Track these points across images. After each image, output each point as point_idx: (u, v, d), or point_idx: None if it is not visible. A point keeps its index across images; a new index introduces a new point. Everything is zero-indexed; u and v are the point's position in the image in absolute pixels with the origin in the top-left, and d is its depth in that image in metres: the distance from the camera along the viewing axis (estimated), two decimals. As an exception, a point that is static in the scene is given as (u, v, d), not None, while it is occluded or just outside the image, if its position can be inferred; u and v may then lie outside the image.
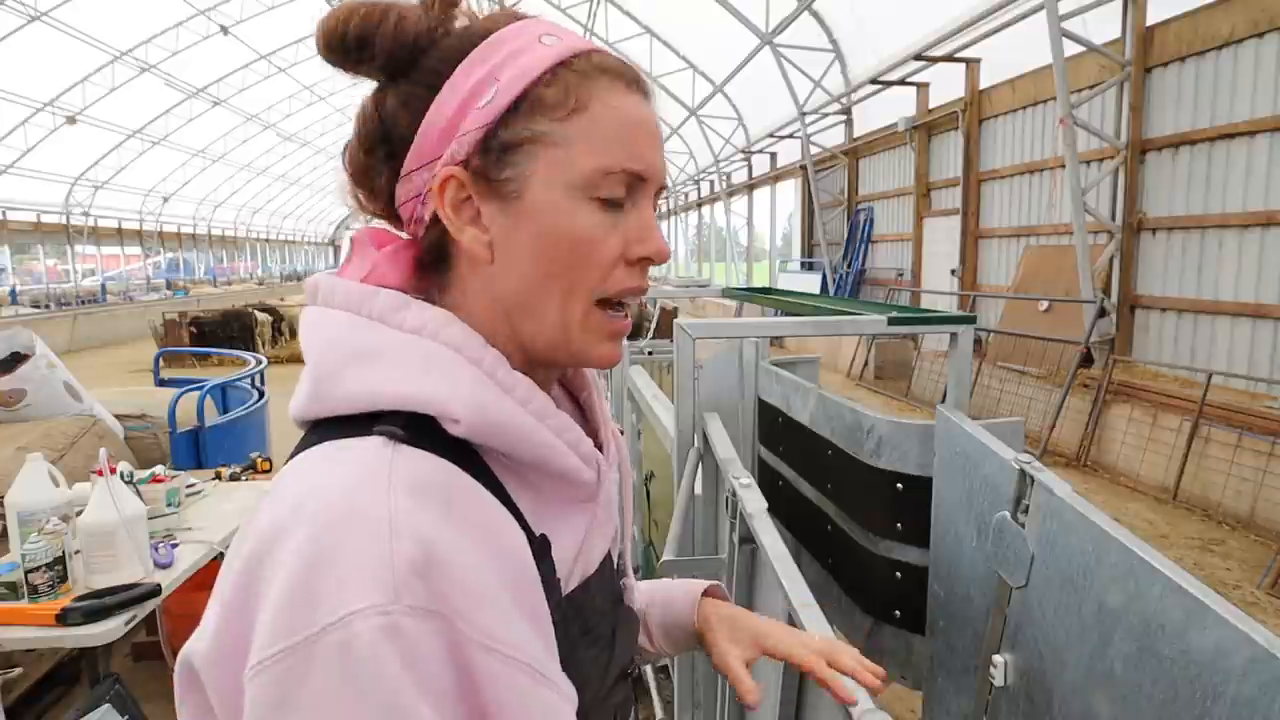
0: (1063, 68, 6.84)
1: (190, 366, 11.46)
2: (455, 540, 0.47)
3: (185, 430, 3.69)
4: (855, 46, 12.72)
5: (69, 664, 2.83)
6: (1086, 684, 0.90)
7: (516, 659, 0.47)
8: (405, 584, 0.43)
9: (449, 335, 0.55)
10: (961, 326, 1.55)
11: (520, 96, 0.55)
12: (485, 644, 0.46)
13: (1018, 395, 7.78)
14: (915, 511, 1.41)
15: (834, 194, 15.29)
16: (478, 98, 0.56)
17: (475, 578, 0.47)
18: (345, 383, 0.53)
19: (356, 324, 0.55)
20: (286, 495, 0.49)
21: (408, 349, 0.54)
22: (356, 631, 0.42)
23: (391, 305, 0.56)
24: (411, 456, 0.50)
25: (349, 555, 0.44)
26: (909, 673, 1.51)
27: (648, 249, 0.59)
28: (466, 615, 0.45)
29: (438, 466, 0.50)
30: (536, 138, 0.56)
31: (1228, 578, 4.42)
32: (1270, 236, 6.17)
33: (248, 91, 24.77)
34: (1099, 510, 0.92)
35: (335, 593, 0.43)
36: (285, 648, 0.43)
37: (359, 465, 0.49)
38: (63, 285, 23.84)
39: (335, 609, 0.42)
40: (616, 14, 16.81)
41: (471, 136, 0.56)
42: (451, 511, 0.48)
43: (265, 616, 0.44)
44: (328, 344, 0.55)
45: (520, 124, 0.56)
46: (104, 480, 2.08)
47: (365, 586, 0.43)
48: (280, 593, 0.44)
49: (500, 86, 0.55)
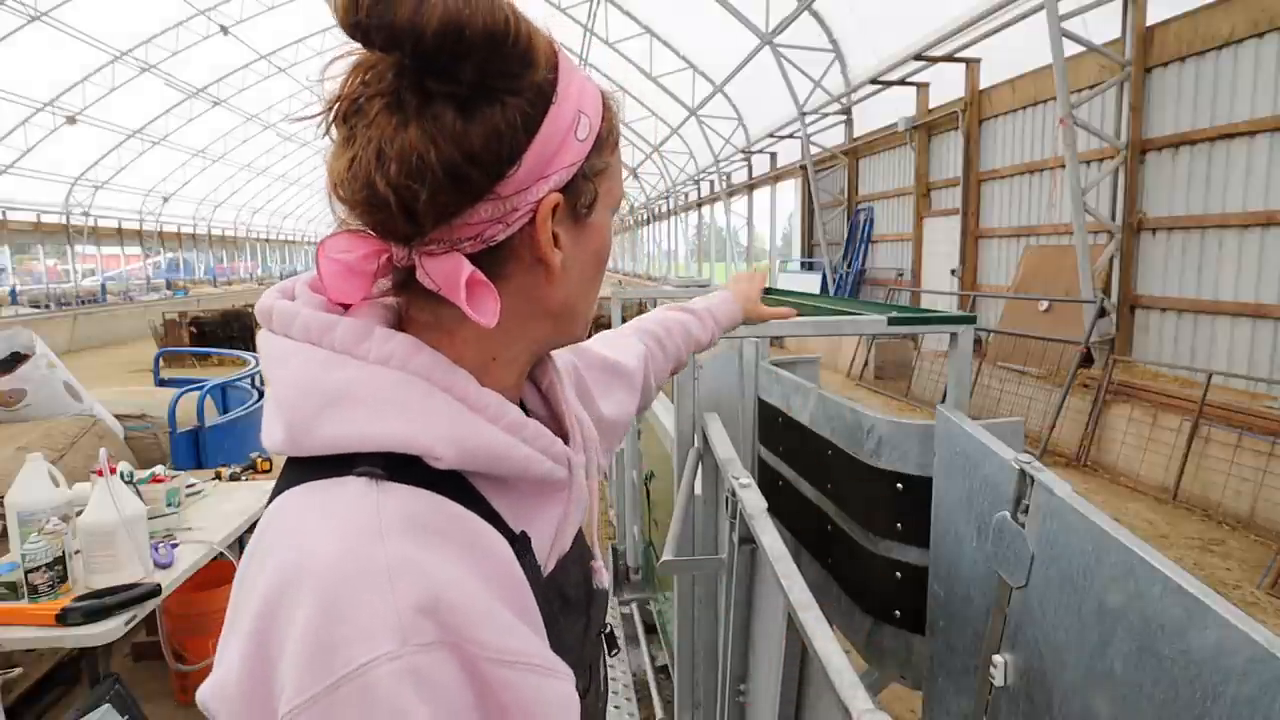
0: (1063, 68, 6.84)
1: (190, 366, 11.46)
2: (450, 570, 0.49)
3: (185, 430, 3.69)
4: (855, 46, 12.71)
5: (69, 664, 2.83)
6: (1086, 684, 0.90)
7: (524, 662, 0.50)
8: (412, 626, 0.46)
9: (417, 364, 0.55)
10: (961, 326, 1.55)
11: (603, 125, 0.60)
12: (495, 658, 0.48)
13: (1018, 395, 7.78)
14: (915, 511, 1.41)
15: (834, 194, 15.29)
16: (574, 127, 0.57)
17: (474, 601, 0.49)
18: (322, 428, 0.53)
19: (324, 362, 0.54)
20: (283, 548, 0.50)
21: (377, 384, 0.54)
22: (374, 679, 0.45)
23: (354, 336, 0.55)
24: (396, 494, 0.51)
25: (356, 610, 0.46)
26: (909, 673, 1.51)
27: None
28: (473, 637, 0.48)
29: (422, 500, 0.52)
30: (602, 169, 0.62)
31: (1228, 578, 4.42)
32: (1270, 236, 6.17)
33: (248, 91, 24.78)
34: (1099, 510, 0.92)
35: (348, 646, 0.45)
36: (310, 698, 0.45)
37: (348, 514, 0.50)
38: (63, 285, 23.85)
39: (350, 660, 0.45)
40: (616, 14, 16.80)
41: (572, 168, 0.57)
42: (442, 542, 0.50)
43: (287, 671, 0.47)
44: (297, 386, 0.54)
45: (595, 157, 0.60)
46: (104, 480, 2.08)
47: (376, 637, 0.45)
48: (296, 650, 0.46)
49: (589, 120, 0.58)
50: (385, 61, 0.53)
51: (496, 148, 0.53)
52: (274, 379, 0.56)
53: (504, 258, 0.58)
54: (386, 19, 0.49)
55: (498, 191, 0.54)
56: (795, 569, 1.09)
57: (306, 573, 0.48)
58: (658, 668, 2.97)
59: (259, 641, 0.49)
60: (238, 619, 0.52)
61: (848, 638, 1.67)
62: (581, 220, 0.61)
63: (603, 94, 0.62)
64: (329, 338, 0.55)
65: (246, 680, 0.49)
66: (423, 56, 0.51)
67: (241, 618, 0.51)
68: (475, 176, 0.53)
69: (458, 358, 0.58)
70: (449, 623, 0.47)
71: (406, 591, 0.47)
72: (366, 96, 0.53)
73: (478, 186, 0.53)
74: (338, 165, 0.54)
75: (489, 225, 0.55)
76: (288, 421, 0.54)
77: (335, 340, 0.55)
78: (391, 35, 0.50)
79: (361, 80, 0.54)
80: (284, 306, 0.57)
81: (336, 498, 0.51)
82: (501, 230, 0.56)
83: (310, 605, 0.47)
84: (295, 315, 0.57)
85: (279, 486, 0.56)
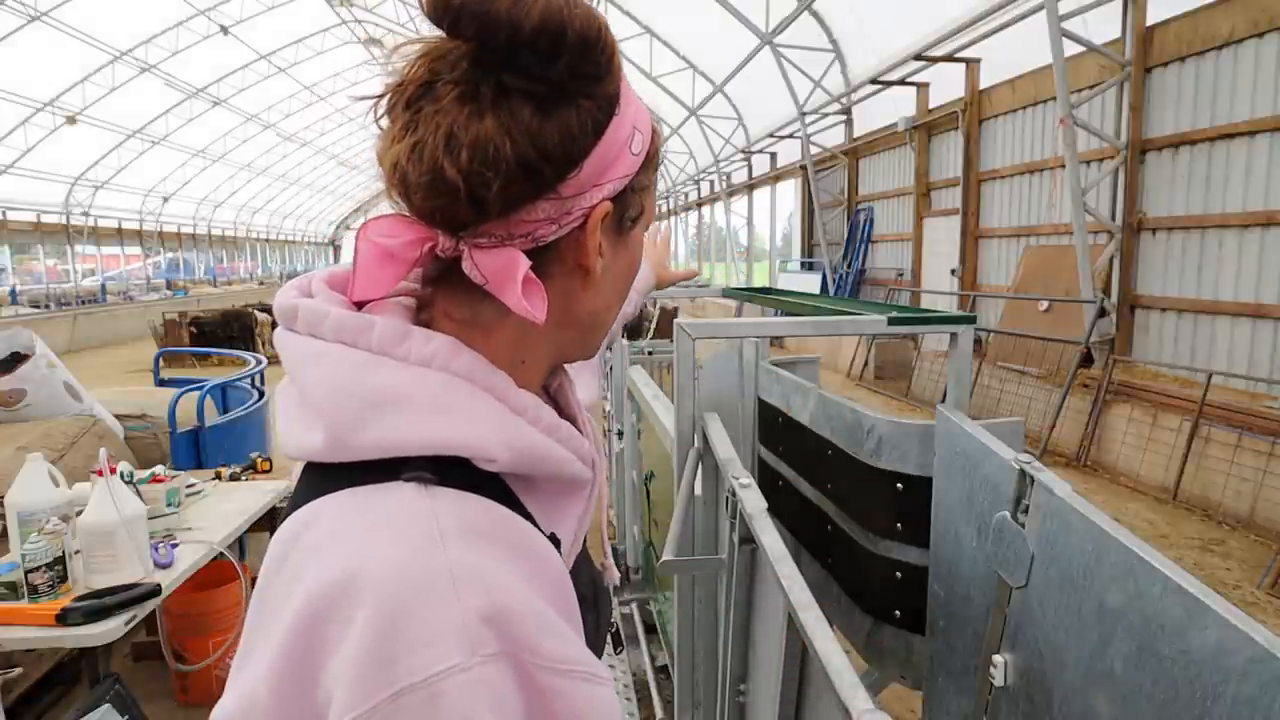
0: (1063, 68, 6.84)
1: (190, 366, 11.46)
2: (510, 578, 0.49)
3: (185, 430, 3.70)
4: (855, 46, 12.71)
5: (69, 664, 2.83)
6: (1086, 684, 0.90)
7: (576, 670, 0.49)
8: (478, 636, 0.45)
9: (459, 365, 0.54)
10: (961, 326, 1.55)
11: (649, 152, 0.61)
12: (552, 667, 0.48)
13: (1018, 395, 7.78)
14: (915, 511, 1.41)
15: (834, 194, 15.28)
16: (630, 141, 0.58)
17: (532, 609, 0.48)
18: (368, 431, 0.51)
19: (362, 363, 0.53)
20: (334, 556, 0.48)
21: (423, 387, 0.53)
22: (443, 689, 0.44)
23: (392, 336, 0.54)
24: (450, 500, 0.51)
25: (423, 620, 0.45)
26: (909, 673, 1.51)
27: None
28: (532, 647, 0.47)
29: (477, 506, 0.51)
30: (647, 186, 0.63)
31: (1228, 578, 4.42)
32: (1270, 236, 6.17)
33: (248, 91, 24.77)
34: (1099, 510, 0.92)
35: (415, 656, 0.44)
36: (371, 707, 0.44)
37: (406, 520, 0.49)
38: (63, 285, 23.83)
39: (416, 670, 0.44)
40: (616, 14, 16.79)
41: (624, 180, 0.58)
42: (500, 549, 0.50)
43: (340, 680, 0.45)
44: (336, 388, 0.53)
45: (643, 173, 0.61)
46: (104, 480, 2.08)
47: (445, 646, 0.44)
48: (353, 659, 0.45)
49: (642, 136, 0.59)
50: (460, 50, 0.52)
51: (568, 148, 0.53)
52: (305, 380, 0.55)
53: (549, 259, 0.57)
54: (484, 6, 0.49)
55: (560, 191, 0.54)
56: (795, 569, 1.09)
57: (366, 581, 0.46)
58: (658, 668, 2.97)
59: (301, 652, 0.47)
60: (266, 631, 0.50)
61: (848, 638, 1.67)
62: (625, 232, 0.63)
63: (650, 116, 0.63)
64: (365, 338, 0.54)
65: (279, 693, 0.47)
66: (512, 49, 0.51)
67: (272, 629, 0.49)
68: (546, 172, 0.53)
69: (492, 358, 0.57)
70: (509, 632, 0.46)
71: (471, 600, 0.46)
72: (440, 83, 0.52)
73: (546, 182, 0.53)
74: (398, 148, 0.53)
75: (543, 224, 0.55)
76: (329, 425, 0.52)
77: (373, 341, 0.54)
78: (486, 24, 0.50)
79: (429, 68, 0.53)
80: (309, 304, 0.56)
81: (388, 504, 0.50)
82: (553, 231, 0.56)
83: (372, 613, 0.45)
84: (325, 314, 0.55)
85: (307, 495, 0.54)
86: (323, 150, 34.76)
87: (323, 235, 47.96)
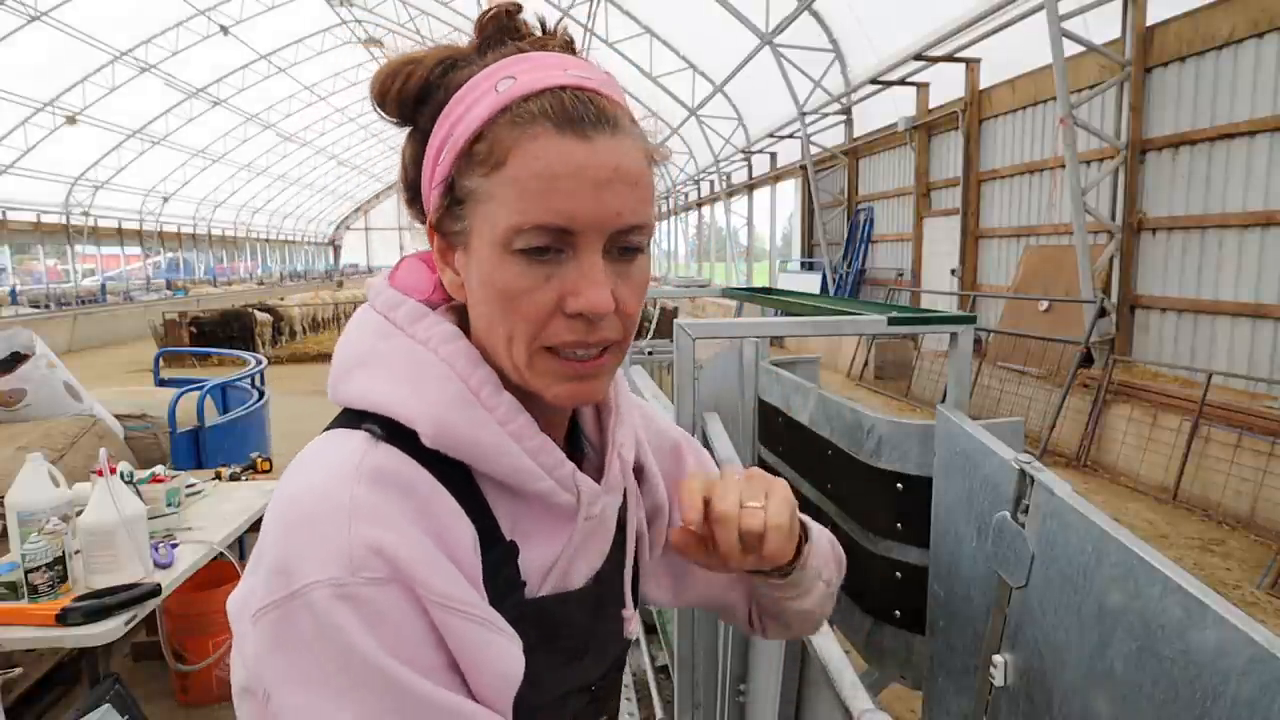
0: (1063, 68, 6.84)
1: (190, 366, 11.46)
2: (403, 522, 0.54)
3: (185, 430, 3.69)
4: (855, 46, 12.71)
5: (69, 664, 2.82)
6: (1086, 684, 0.90)
7: (469, 613, 0.55)
8: (362, 561, 0.52)
9: (446, 351, 0.61)
10: (961, 326, 1.55)
11: (461, 154, 0.58)
12: (441, 602, 0.54)
13: (1018, 395, 7.78)
14: (915, 511, 1.41)
15: (834, 194, 15.28)
16: (439, 154, 0.60)
17: (422, 552, 0.54)
18: (350, 383, 0.62)
19: (378, 329, 0.63)
20: (286, 479, 0.58)
21: (406, 358, 0.61)
22: (315, 598, 0.51)
23: (411, 315, 0.63)
24: (382, 452, 0.57)
25: (315, 537, 0.53)
26: (909, 673, 1.51)
27: (578, 303, 0.56)
28: (422, 580, 0.53)
29: (399, 461, 0.57)
30: (471, 193, 0.58)
31: (1228, 578, 4.42)
32: (1270, 236, 6.17)
33: (248, 91, 24.78)
34: (1099, 510, 0.92)
35: (304, 564, 0.52)
36: (271, 602, 0.53)
37: (337, 461, 0.57)
38: (63, 285, 23.83)
39: (302, 578, 0.52)
40: (616, 14, 16.79)
41: (436, 191, 0.61)
42: (399, 498, 0.55)
43: (262, 574, 0.55)
44: (347, 345, 0.64)
45: (464, 179, 0.58)
46: (104, 480, 2.08)
47: (326, 563, 0.52)
48: (268, 561, 0.54)
49: (451, 143, 0.59)
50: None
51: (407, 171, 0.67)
52: (341, 339, 0.66)
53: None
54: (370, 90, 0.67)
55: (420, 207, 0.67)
56: (795, 569, 1.08)
57: (288, 500, 0.56)
58: (658, 668, 2.97)
59: (256, 556, 0.57)
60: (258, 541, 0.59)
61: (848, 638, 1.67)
62: (464, 246, 0.61)
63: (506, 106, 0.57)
64: (394, 313, 0.63)
65: (245, 587, 0.58)
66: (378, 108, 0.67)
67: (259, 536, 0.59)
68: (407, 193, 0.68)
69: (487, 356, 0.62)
70: (398, 564, 0.52)
71: (361, 530, 0.52)
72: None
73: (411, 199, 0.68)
74: None
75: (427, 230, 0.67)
76: (333, 371, 0.64)
77: (398, 316, 0.63)
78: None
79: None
80: (378, 284, 0.67)
81: (339, 445, 0.59)
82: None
83: (284, 527, 0.54)
84: (380, 290, 0.66)
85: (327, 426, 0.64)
86: (323, 150, 34.75)
87: (323, 235, 47.96)
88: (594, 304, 0.56)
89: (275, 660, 0.53)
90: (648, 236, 0.60)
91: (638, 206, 0.58)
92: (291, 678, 0.52)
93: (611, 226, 0.57)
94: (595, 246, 0.57)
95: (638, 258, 0.61)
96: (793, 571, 0.73)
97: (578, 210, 0.55)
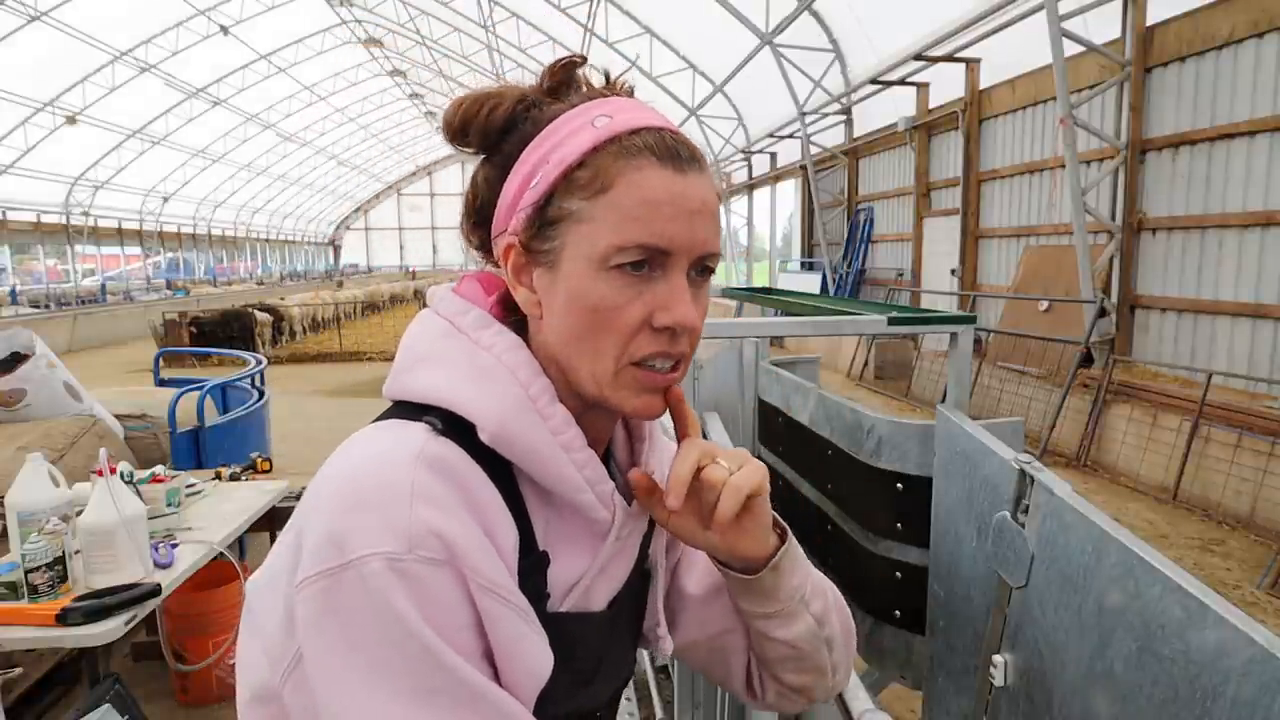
0: (1063, 68, 6.84)
1: (190, 366, 11.45)
2: (460, 509, 0.57)
3: (185, 430, 3.69)
4: (855, 46, 12.71)
5: (69, 664, 2.82)
6: (1086, 684, 0.90)
7: (514, 603, 0.58)
8: (421, 539, 0.54)
9: (510, 358, 0.64)
10: (961, 326, 1.55)
11: (560, 179, 0.63)
12: (491, 589, 0.56)
13: (1018, 395, 7.78)
14: (915, 511, 1.41)
15: (834, 194, 15.28)
16: (531, 179, 0.64)
17: (477, 541, 0.57)
18: (414, 377, 0.66)
19: (445, 330, 0.67)
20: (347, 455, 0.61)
21: (471, 360, 0.65)
22: (370, 570, 0.53)
23: (478, 322, 0.67)
24: (441, 444, 0.60)
25: (376, 510, 0.55)
26: (909, 673, 1.51)
27: (668, 318, 0.62)
28: (474, 567, 0.56)
29: (458, 455, 0.60)
30: (569, 215, 0.63)
31: (1228, 578, 4.42)
32: (1270, 236, 6.17)
33: (248, 91, 24.77)
34: (1099, 510, 0.92)
35: (359, 536, 0.54)
36: (322, 570, 0.55)
37: (400, 442, 0.59)
38: (63, 285, 23.82)
39: (358, 549, 0.54)
40: (616, 14, 16.79)
41: (525, 213, 0.64)
42: (458, 489, 0.58)
43: (310, 546, 0.56)
44: (411, 343, 0.68)
45: (560, 202, 0.63)
46: (104, 480, 2.08)
47: (385, 536, 0.54)
48: (319, 534, 0.56)
49: (546, 170, 0.64)
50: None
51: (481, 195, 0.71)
52: (405, 336, 0.69)
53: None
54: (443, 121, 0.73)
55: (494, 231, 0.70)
56: (795, 569, 1.08)
57: (345, 478, 0.58)
58: (658, 668, 2.97)
59: (297, 529, 0.59)
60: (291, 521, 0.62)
61: (848, 638, 1.66)
62: (550, 264, 0.64)
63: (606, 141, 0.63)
64: (460, 319, 0.67)
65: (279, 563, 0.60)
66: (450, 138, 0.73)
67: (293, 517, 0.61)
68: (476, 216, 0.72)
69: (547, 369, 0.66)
70: (455, 549, 0.55)
71: (423, 511, 0.55)
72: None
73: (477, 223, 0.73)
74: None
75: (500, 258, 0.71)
76: (396, 366, 0.68)
77: (465, 323, 0.67)
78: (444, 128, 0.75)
79: None
80: (441, 291, 0.71)
81: (398, 432, 0.61)
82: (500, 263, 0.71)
83: (340, 503, 0.56)
84: (444, 297, 0.70)
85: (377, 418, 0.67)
86: (323, 150, 34.75)
87: (323, 235, 47.93)
88: (683, 318, 0.62)
89: (319, 628, 0.54)
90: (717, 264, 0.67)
91: (715, 236, 0.65)
92: (335, 646, 0.54)
93: (699, 251, 0.64)
94: (682, 268, 0.63)
95: (707, 283, 0.68)
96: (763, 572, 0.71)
97: (676, 235, 0.62)
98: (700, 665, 0.87)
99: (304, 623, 0.55)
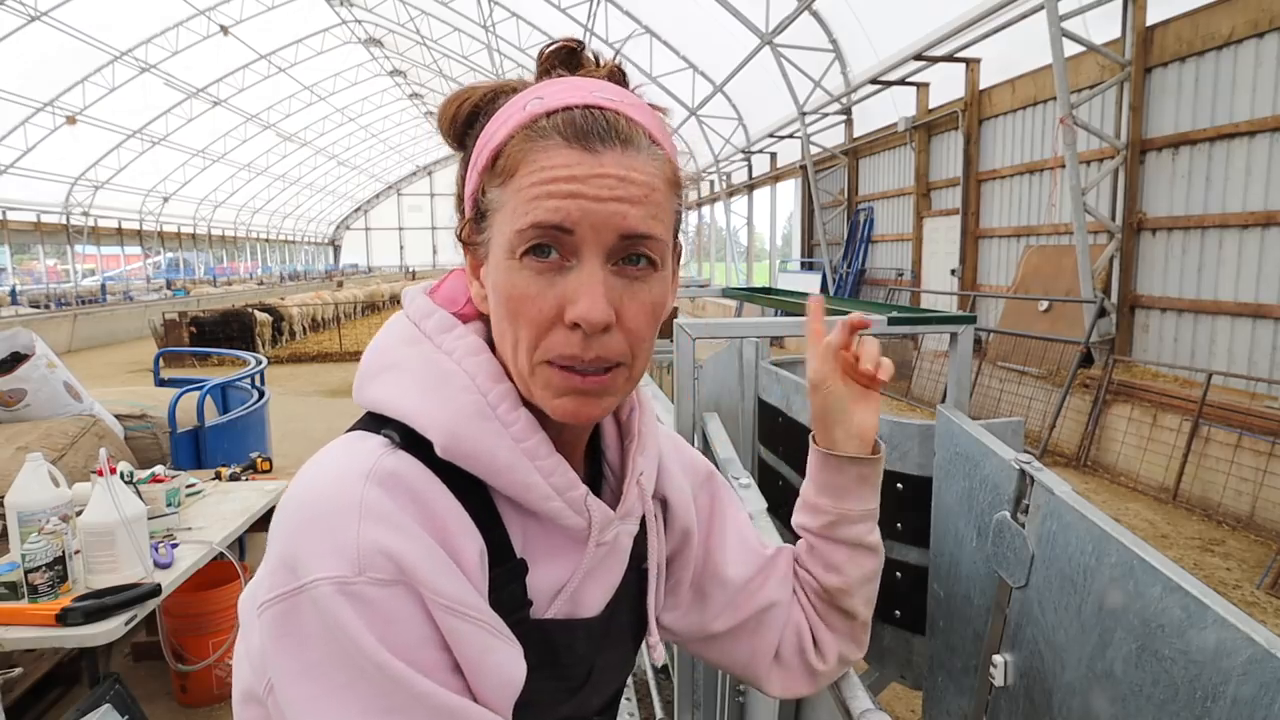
0: (1063, 68, 6.84)
1: (190, 366, 11.46)
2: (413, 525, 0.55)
3: (185, 430, 3.69)
4: (855, 46, 12.70)
5: (69, 664, 2.83)
6: (1086, 684, 0.90)
7: (474, 617, 0.56)
8: (370, 560, 0.53)
9: (470, 364, 0.62)
10: (961, 326, 1.55)
11: (485, 169, 0.61)
12: (447, 606, 0.55)
13: (1018, 395, 7.78)
14: (915, 511, 1.41)
15: (834, 194, 15.28)
16: (470, 170, 0.64)
17: (430, 557, 0.55)
18: (372, 387, 0.64)
19: (406, 336, 0.65)
20: (307, 473, 0.59)
21: (428, 368, 0.62)
22: (319, 594, 0.53)
23: (440, 326, 0.65)
24: (398, 458, 0.58)
25: (323, 534, 0.54)
26: (909, 673, 1.51)
27: (573, 311, 0.56)
28: (428, 584, 0.54)
29: (414, 468, 0.58)
30: (491, 205, 0.61)
31: (1228, 578, 4.42)
32: (1270, 236, 6.17)
33: (248, 91, 24.77)
34: (1099, 510, 0.92)
35: (312, 561, 0.53)
36: (277, 595, 0.54)
37: (354, 458, 0.58)
38: (63, 285, 23.82)
39: (308, 573, 0.53)
40: (616, 14, 16.79)
41: (468, 205, 0.64)
42: (411, 503, 0.56)
43: (269, 568, 0.56)
44: (377, 348, 0.66)
45: (486, 192, 0.61)
46: (104, 480, 2.08)
47: (332, 559, 0.53)
48: (277, 555, 0.56)
49: (479, 161, 0.62)
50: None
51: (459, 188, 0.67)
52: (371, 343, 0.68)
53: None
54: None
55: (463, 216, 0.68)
56: (795, 569, 1.08)
57: (300, 498, 0.57)
58: (658, 668, 2.97)
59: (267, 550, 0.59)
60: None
61: (848, 638, 1.66)
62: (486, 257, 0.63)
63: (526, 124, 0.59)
64: (425, 323, 0.65)
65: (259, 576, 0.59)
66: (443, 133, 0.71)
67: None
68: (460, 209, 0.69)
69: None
70: (404, 567, 0.54)
71: (371, 531, 0.54)
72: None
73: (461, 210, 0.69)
74: None
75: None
76: (359, 373, 0.66)
77: (429, 326, 0.65)
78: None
79: None
80: (412, 293, 0.69)
81: (355, 447, 0.60)
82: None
83: (294, 524, 0.56)
84: (414, 298, 0.68)
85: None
86: (323, 150, 34.74)
87: (323, 235, 47.93)
88: (587, 312, 0.55)
89: (278, 652, 0.54)
90: (660, 253, 0.59)
91: (645, 217, 0.57)
92: (294, 670, 0.54)
93: (612, 232, 0.56)
94: (596, 255, 0.57)
95: (650, 276, 0.59)
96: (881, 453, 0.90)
97: (573, 211, 0.55)
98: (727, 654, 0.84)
99: (266, 645, 0.55)
